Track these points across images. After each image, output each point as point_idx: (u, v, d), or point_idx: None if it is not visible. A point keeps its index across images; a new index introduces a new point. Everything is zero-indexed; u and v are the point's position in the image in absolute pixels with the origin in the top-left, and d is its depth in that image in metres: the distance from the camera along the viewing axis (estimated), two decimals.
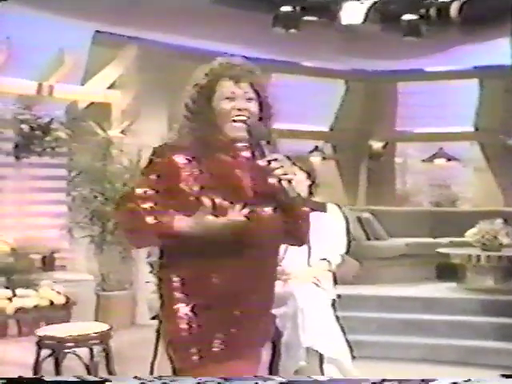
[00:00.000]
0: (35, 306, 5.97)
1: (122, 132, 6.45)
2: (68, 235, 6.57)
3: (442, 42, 6.50)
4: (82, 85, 6.72)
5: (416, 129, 9.49)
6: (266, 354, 2.83)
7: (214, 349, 1.77)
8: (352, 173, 8.91)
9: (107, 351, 2.79)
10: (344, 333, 3.24)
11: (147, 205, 1.80)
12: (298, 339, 3.04)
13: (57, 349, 2.62)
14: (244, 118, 1.88)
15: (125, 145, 6.36)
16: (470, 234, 6.23)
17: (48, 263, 8.09)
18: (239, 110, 1.87)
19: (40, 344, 2.72)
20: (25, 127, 6.29)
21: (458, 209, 8.56)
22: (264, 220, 1.87)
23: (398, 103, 9.27)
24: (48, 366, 2.71)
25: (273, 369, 3.17)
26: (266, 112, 1.95)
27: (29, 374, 2.72)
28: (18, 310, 5.89)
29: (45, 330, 2.81)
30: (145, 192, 1.83)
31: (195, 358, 1.77)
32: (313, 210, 3.30)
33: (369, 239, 6.76)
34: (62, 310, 6.18)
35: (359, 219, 6.77)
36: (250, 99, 1.90)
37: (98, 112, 6.65)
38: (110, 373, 2.60)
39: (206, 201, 1.75)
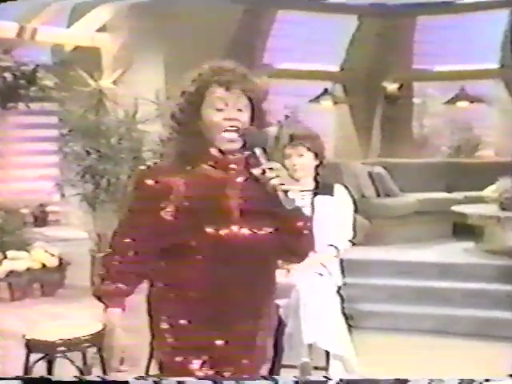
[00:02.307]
0: (27, 269, 6.08)
1: (115, 82, 6.35)
2: (58, 192, 6.59)
3: None
4: (68, 27, 6.59)
5: (436, 67, 9.31)
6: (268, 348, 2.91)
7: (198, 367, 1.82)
8: (365, 118, 8.82)
9: (102, 352, 2.84)
10: (349, 326, 3.28)
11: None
12: (300, 335, 3.08)
13: (47, 353, 2.67)
14: (235, 128, 1.83)
15: (118, 96, 6.27)
16: (489, 192, 6.18)
17: (40, 218, 8.20)
18: (230, 119, 1.82)
19: (29, 347, 2.76)
20: (8, 76, 6.20)
21: (478, 160, 8.48)
22: (252, 241, 1.84)
23: (416, 40, 9.06)
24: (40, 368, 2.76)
25: (275, 365, 3.24)
26: (261, 121, 1.90)
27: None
28: (10, 273, 5.99)
29: (33, 333, 2.84)
30: (133, 239, 1.85)
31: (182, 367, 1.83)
32: (319, 193, 3.36)
33: (379, 196, 6.73)
34: (56, 273, 6.30)
35: (370, 174, 6.73)
36: (242, 108, 1.85)
37: (86, 59, 6.53)
38: (105, 373, 2.66)
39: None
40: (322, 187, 3.38)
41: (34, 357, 2.73)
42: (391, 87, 8.89)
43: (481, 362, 4.17)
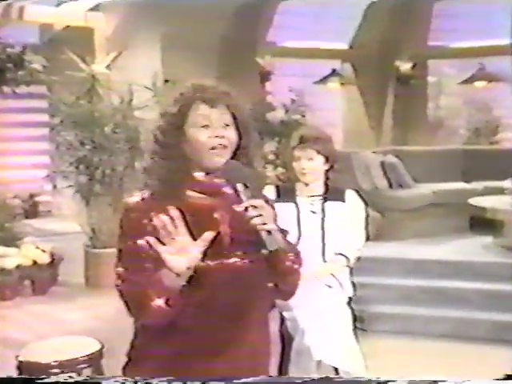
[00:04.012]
0: (17, 267, 6.11)
1: (108, 67, 6.31)
2: (50, 183, 6.61)
3: None
4: (58, 5, 6.54)
5: (453, 43, 9.23)
6: (274, 359, 2.95)
7: None
8: (376, 100, 8.77)
9: (98, 373, 2.86)
10: (357, 337, 3.30)
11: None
12: (309, 351, 3.11)
13: (39, 376, 2.68)
14: (223, 145, 1.83)
15: (112, 82, 6.25)
16: (509, 183, 6.18)
17: (30, 209, 8.23)
18: (216, 137, 1.83)
19: (20, 369, 2.78)
20: None
21: (498, 146, 8.45)
22: (241, 271, 1.85)
23: (433, 14, 8.98)
24: None
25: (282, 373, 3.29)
26: (246, 138, 1.90)
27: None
28: None
29: (26, 354, 2.86)
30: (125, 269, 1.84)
31: None
32: (329, 199, 3.36)
33: (391, 187, 6.72)
34: (48, 270, 6.33)
35: (382, 164, 6.71)
36: (227, 125, 1.85)
37: (78, 40, 6.49)
38: None
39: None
40: (332, 192, 3.36)
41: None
42: (404, 66, 8.83)
43: (499, 368, 4.18)
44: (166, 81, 6.57)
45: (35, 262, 6.18)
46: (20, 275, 6.16)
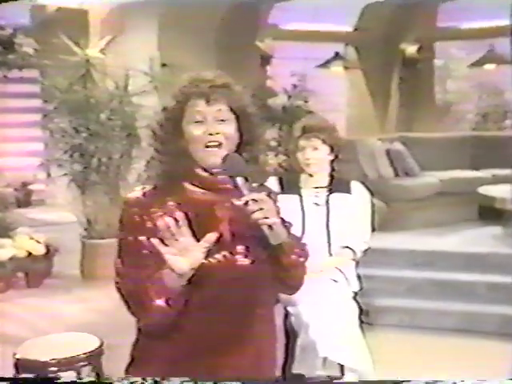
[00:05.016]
0: (11, 258, 6.11)
1: (103, 51, 6.29)
2: (44, 172, 6.61)
3: None
4: None
5: (463, 23, 9.17)
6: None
7: None
8: (381, 85, 8.74)
9: (97, 371, 2.88)
10: (363, 332, 3.33)
11: None
12: (315, 348, 3.13)
13: (37, 374, 2.70)
14: (218, 142, 1.83)
15: (108, 67, 6.24)
16: None
17: (23, 198, 8.23)
18: (211, 134, 1.83)
19: (18, 367, 2.80)
20: None
21: (508, 133, 8.44)
22: (244, 268, 1.85)
23: None
24: None
25: (286, 371, 3.32)
26: (251, 133, 1.91)
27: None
28: None
29: (23, 352, 2.87)
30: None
31: None
32: (335, 191, 3.37)
33: (397, 175, 6.73)
34: (43, 261, 6.33)
35: (388, 152, 6.72)
36: (224, 120, 1.85)
37: (71, 23, 6.47)
38: None
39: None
40: (337, 184, 3.38)
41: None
42: (410, 49, 8.79)
43: (508, 363, 4.21)
44: (164, 65, 6.56)
45: (30, 254, 6.18)
46: (14, 267, 6.16)
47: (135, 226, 1.82)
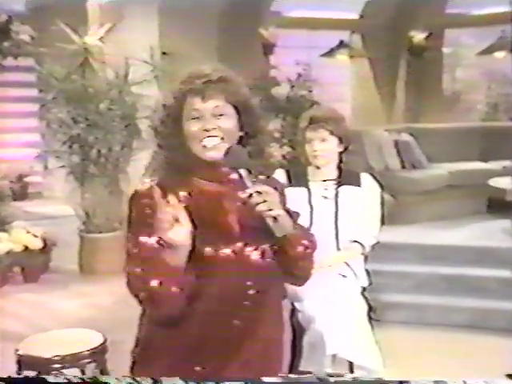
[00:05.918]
0: (8, 253, 6.13)
1: (101, 39, 6.29)
2: (41, 164, 6.62)
3: None
4: None
5: (473, 10, 9.14)
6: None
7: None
8: (388, 73, 8.74)
9: (101, 367, 2.90)
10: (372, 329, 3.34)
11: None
12: (323, 345, 3.14)
13: (41, 371, 2.72)
14: (214, 138, 1.87)
15: (107, 55, 6.24)
16: None
17: (19, 191, 8.24)
18: (207, 130, 1.86)
19: (20, 364, 2.82)
20: None
21: None
22: (253, 261, 1.89)
23: None
24: None
25: (293, 369, 3.33)
26: (253, 127, 1.94)
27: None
28: None
29: (26, 348, 2.89)
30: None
31: None
32: (344, 183, 3.38)
33: (405, 168, 6.74)
34: (40, 256, 6.35)
35: (396, 143, 6.72)
36: (221, 115, 1.88)
37: (69, 10, 6.46)
38: None
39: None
40: (346, 176, 3.37)
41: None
42: (418, 36, 8.78)
43: None
44: (164, 53, 6.57)
45: (26, 248, 6.20)
46: (10, 262, 6.19)
47: (146, 218, 1.84)
